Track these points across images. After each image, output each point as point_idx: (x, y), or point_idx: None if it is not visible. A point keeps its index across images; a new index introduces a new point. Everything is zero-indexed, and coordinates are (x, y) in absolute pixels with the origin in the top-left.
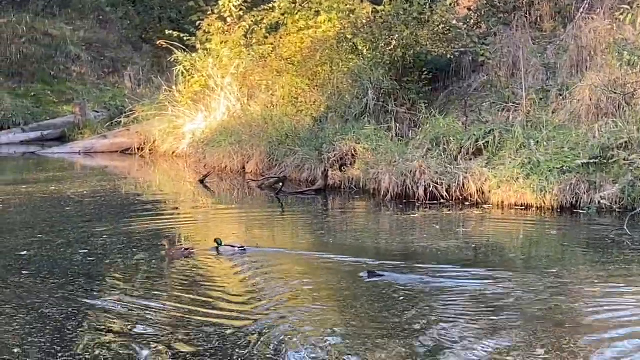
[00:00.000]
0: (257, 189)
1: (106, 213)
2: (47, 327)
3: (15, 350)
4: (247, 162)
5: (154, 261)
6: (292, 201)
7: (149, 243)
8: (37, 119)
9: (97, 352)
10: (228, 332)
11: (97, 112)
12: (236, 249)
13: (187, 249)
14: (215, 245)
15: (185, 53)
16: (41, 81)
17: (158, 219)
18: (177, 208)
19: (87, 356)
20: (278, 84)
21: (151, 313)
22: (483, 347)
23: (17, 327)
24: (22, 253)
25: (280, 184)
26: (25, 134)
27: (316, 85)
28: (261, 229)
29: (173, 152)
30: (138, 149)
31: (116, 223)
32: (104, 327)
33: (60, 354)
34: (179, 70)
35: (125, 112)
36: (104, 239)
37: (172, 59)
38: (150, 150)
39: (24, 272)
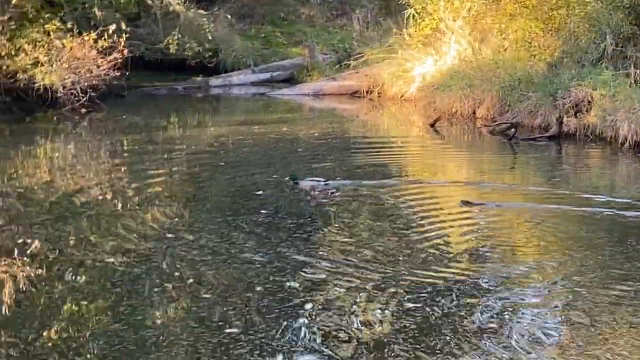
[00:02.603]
0: (488, 134)
1: (337, 154)
2: (287, 267)
3: (258, 289)
4: (478, 107)
5: (382, 202)
6: (524, 147)
7: (376, 184)
8: (266, 61)
9: (335, 291)
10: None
11: (325, 54)
12: (321, 183)
13: (331, 192)
14: (292, 181)
15: None
16: (271, 23)
17: (388, 159)
18: (406, 149)
19: (329, 296)
20: (511, 28)
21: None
22: None
23: (258, 265)
24: (259, 192)
25: (513, 129)
26: (255, 75)
27: (550, 30)
28: (491, 173)
29: (402, 96)
30: (366, 91)
31: (348, 164)
32: (335, 266)
33: (302, 293)
34: (410, 13)
35: (353, 55)
36: (336, 181)
37: (402, 2)
38: (378, 94)
39: (262, 211)
